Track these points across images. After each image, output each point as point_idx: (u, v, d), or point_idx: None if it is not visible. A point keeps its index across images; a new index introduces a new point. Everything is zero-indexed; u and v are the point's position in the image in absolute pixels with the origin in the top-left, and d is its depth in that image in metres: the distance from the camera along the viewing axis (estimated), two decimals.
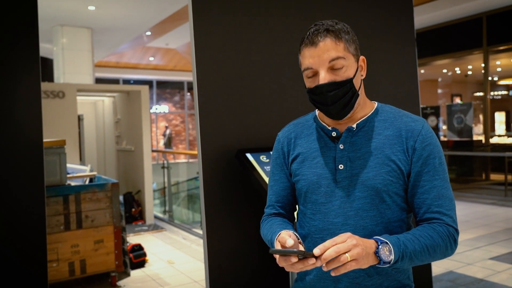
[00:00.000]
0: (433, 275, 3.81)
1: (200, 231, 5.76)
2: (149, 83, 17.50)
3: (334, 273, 1.06)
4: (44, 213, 2.43)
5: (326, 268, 1.06)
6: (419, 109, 2.79)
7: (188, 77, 17.73)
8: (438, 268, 4.16)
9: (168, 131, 19.09)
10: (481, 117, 10.04)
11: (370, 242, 1.12)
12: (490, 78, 9.06)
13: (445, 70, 12.29)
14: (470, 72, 12.15)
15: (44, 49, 9.81)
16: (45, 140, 2.92)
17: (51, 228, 3.66)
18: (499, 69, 11.24)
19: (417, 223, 1.27)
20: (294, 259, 1.08)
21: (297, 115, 2.26)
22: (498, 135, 11.60)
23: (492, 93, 10.83)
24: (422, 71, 11.20)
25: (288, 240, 1.12)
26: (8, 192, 2.34)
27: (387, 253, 1.11)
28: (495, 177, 8.88)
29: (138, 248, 4.58)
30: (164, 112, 19.92)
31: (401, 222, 1.29)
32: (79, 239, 3.80)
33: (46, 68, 10.63)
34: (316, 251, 1.06)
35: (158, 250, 5.14)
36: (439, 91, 13.79)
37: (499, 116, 12.55)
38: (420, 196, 1.25)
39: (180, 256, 4.86)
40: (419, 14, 8.28)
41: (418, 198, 1.25)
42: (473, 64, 10.94)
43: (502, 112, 12.58)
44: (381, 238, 1.14)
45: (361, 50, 1.32)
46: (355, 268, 1.07)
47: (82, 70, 8.53)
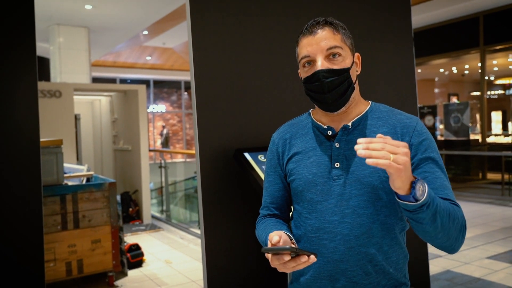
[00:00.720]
0: (431, 274, 3.82)
1: (197, 231, 5.76)
2: (146, 82, 17.47)
3: (372, 161, 0.99)
4: (41, 213, 2.42)
5: (363, 153, 0.99)
6: (416, 108, 2.79)
7: (185, 76, 17.71)
8: (435, 267, 4.17)
9: (165, 131, 19.07)
10: (478, 116, 10.06)
11: (410, 172, 1.06)
12: (486, 78, 9.08)
13: (442, 70, 12.31)
14: (467, 72, 12.18)
15: (41, 48, 9.78)
16: (42, 139, 2.91)
17: (48, 228, 3.65)
18: (495, 69, 11.26)
19: None
20: (286, 257, 1.07)
21: (295, 115, 2.26)
22: (495, 135, 11.63)
23: (488, 92, 10.85)
24: (419, 70, 11.22)
25: (274, 237, 1.10)
26: (5, 191, 2.32)
27: (420, 192, 1.05)
28: (492, 176, 8.91)
29: (136, 247, 4.57)
30: (161, 111, 19.89)
31: (398, 220, 1.29)
32: (76, 239, 3.79)
33: (42, 67, 10.60)
34: (361, 140, 1.01)
35: (156, 249, 5.14)
36: (436, 90, 13.82)
37: (496, 115, 12.59)
38: None
39: (177, 256, 4.86)
40: (416, 14, 8.29)
41: None
42: (470, 63, 10.97)
43: (498, 111, 12.61)
44: (419, 177, 1.09)
45: (358, 49, 1.34)
46: (390, 170, 1.00)
47: (79, 69, 8.51)
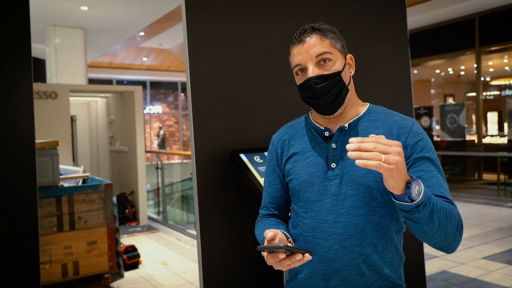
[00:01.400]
0: (427, 274, 3.82)
1: (194, 232, 5.75)
2: (142, 83, 17.44)
3: (361, 162, 0.98)
4: (37, 214, 2.42)
5: (353, 155, 0.99)
6: (412, 109, 2.80)
7: (182, 77, 17.70)
8: (431, 267, 4.18)
9: (162, 132, 19.04)
10: (473, 117, 10.09)
11: (406, 171, 1.05)
12: (482, 79, 9.11)
13: (438, 71, 12.36)
14: (462, 73, 12.23)
15: (37, 49, 9.76)
16: (37, 141, 2.90)
17: (44, 229, 3.64)
18: (491, 70, 11.31)
19: None
20: (281, 255, 1.08)
21: (290, 116, 2.27)
22: (491, 135, 11.68)
23: (484, 93, 10.89)
24: (415, 71, 11.26)
25: (268, 233, 1.12)
26: (0, 193, 2.32)
27: (416, 192, 1.04)
28: (487, 177, 8.94)
29: (132, 249, 4.56)
30: (158, 112, 19.87)
31: (393, 221, 1.29)
32: (72, 240, 3.78)
33: (38, 68, 10.57)
34: (352, 139, 1.01)
35: (152, 251, 5.13)
36: (432, 91, 13.87)
37: (492, 116, 12.64)
38: None
39: (174, 257, 4.85)
40: (412, 15, 8.32)
41: None
42: (465, 64, 11.02)
43: (494, 112, 12.66)
44: (414, 176, 1.09)
45: (353, 50, 1.35)
46: (381, 171, 0.98)
47: (75, 70, 8.49)
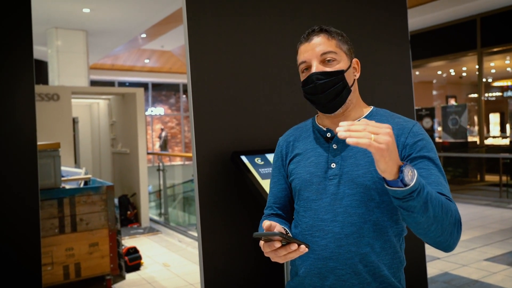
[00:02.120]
0: (428, 276, 3.82)
1: (196, 234, 5.75)
2: (144, 85, 17.46)
3: (352, 141, 0.98)
4: (38, 216, 2.42)
5: (343, 135, 0.99)
6: (413, 110, 2.80)
7: (183, 79, 17.71)
8: (433, 269, 4.17)
9: (163, 134, 19.05)
10: (475, 118, 10.08)
11: (398, 156, 1.05)
12: (484, 80, 9.10)
13: (439, 72, 12.34)
14: (464, 74, 12.20)
15: (39, 51, 9.78)
16: (39, 143, 2.90)
17: (46, 231, 3.64)
18: (493, 71, 11.30)
19: None
20: (277, 244, 1.10)
21: (292, 117, 2.27)
22: (493, 137, 11.66)
23: (486, 94, 10.88)
24: (417, 72, 11.25)
25: (266, 223, 1.16)
26: (1, 195, 2.32)
27: (409, 177, 1.04)
28: (490, 178, 8.91)
29: (134, 251, 4.57)
30: (160, 114, 19.88)
31: (392, 223, 1.29)
32: (73, 242, 3.79)
33: (40, 70, 10.59)
34: (342, 123, 1.01)
35: (154, 253, 5.13)
36: (434, 92, 13.85)
37: (494, 117, 12.61)
38: None
39: (175, 259, 4.85)
40: (414, 16, 8.32)
41: None
42: (467, 65, 11.00)
43: (496, 113, 12.64)
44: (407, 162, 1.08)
45: (355, 52, 1.35)
46: (371, 149, 0.99)
47: (77, 72, 8.51)
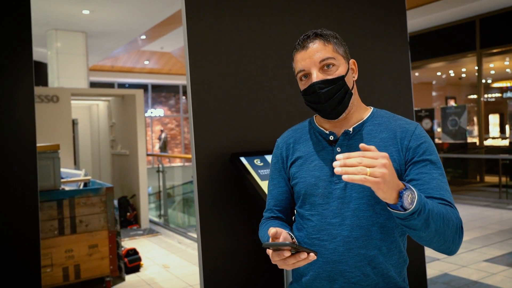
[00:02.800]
0: (428, 277, 3.82)
1: (195, 235, 5.75)
2: (144, 87, 17.47)
3: (347, 177, 0.99)
4: (38, 218, 2.42)
5: (339, 171, 1.00)
6: (412, 111, 2.80)
7: (183, 80, 17.72)
8: (433, 270, 4.17)
9: (163, 135, 19.05)
10: (475, 119, 10.09)
11: (398, 180, 1.06)
12: (483, 81, 9.11)
13: (439, 73, 12.35)
14: (464, 75, 12.21)
15: (38, 53, 9.79)
16: (39, 144, 2.91)
17: (45, 233, 3.64)
18: (492, 72, 11.31)
19: None
20: (286, 253, 1.09)
21: (291, 119, 2.27)
22: (492, 138, 11.65)
23: (486, 95, 10.89)
24: (417, 74, 11.26)
25: (271, 230, 1.13)
26: (1, 196, 2.32)
27: (409, 201, 1.04)
28: (489, 179, 8.92)
29: (133, 252, 4.56)
30: (160, 115, 19.88)
31: (397, 223, 1.30)
32: (73, 244, 3.78)
33: (40, 72, 10.59)
34: (339, 156, 1.01)
35: (153, 254, 5.12)
36: (434, 93, 13.86)
37: (493, 118, 12.61)
38: (420, 187, 1.22)
39: (175, 261, 4.85)
40: (413, 18, 8.33)
41: (418, 189, 1.21)
42: (467, 67, 11.01)
43: (496, 114, 12.64)
44: (408, 184, 1.08)
45: (354, 53, 1.36)
46: (367, 184, 0.99)
47: (77, 74, 8.51)
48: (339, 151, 1.32)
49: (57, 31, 8.40)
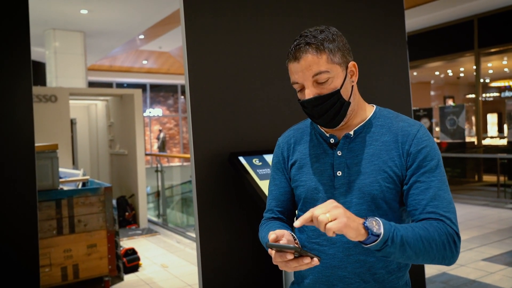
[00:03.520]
0: (426, 276, 3.82)
1: (194, 235, 5.75)
2: (142, 86, 17.46)
3: (328, 234, 1.02)
4: (36, 218, 2.42)
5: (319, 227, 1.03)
6: (411, 111, 2.80)
7: (181, 80, 17.70)
8: (431, 269, 4.18)
9: (162, 135, 19.04)
10: (473, 119, 10.10)
11: (357, 217, 1.07)
12: (482, 80, 9.13)
13: (437, 73, 12.36)
14: (462, 74, 12.23)
15: (37, 53, 9.77)
16: (37, 144, 2.90)
17: (44, 232, 3.64)
18: (490, 71, 11.32)
19: None
20: (289, 256, 1.07)
21: (289, 118, 2.27)
22: (490, 137, 11.67)
23: (484, 95, 10.90)
24: (415, 73, 11.27)
25: (271, 235, 1.12)
26: None
27: (376, 226, 1.06)
28: (487, 178, 8.93)
29: (132, 252, 4.56)
30: (158, 115, 19.87)
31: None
32: (72, 243, 3.78)
33: (38, 72, 10.57)
34: (296, 224, 1.06)
35: (152, 254, 5.12)
36: (432, 93, 13.87)
37: (491, 117, 12.63)
38: (416, 198, 1.21)
39: (174, 260, 4.85)
40: (411, 17, 8.33)
41: (413, 199, 1.21)
42: (465, 66, 11.03)
43: (494, 113, 12.66)
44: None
45: (352, 53, 1.31)
46: (339, 230, 1.01)
47: (75, 74, 8.50)
48: (339, 154, 1.30)
49: (55, 31, 8.39)
